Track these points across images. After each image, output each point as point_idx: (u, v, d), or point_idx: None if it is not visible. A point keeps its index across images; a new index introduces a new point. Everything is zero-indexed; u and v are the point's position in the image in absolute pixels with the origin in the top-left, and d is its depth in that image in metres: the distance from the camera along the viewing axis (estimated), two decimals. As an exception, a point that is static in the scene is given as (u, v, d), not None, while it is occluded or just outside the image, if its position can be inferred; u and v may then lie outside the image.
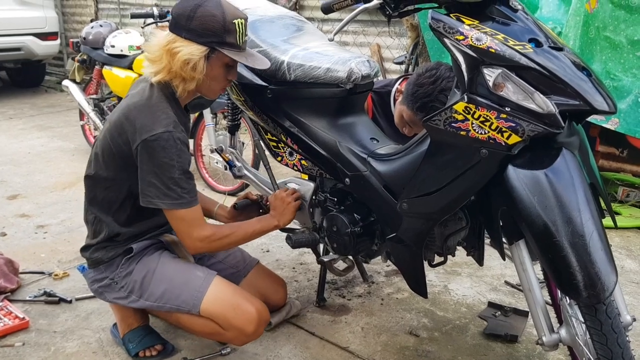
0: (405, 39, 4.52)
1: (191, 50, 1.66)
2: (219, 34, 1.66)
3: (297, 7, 5.08)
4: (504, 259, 1.65)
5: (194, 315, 1.79)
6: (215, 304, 1.77)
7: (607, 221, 1.50)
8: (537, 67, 1.35)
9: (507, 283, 2.46)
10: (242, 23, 1.70)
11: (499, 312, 2.18)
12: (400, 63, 4.26)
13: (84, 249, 1.91)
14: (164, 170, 1.67)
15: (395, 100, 2.17)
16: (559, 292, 1.55)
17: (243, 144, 2.93)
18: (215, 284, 1.81)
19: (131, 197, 1.80)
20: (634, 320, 1.46)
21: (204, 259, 2.03)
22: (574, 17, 3.10)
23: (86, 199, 1.88)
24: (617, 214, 3.19)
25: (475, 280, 2.50)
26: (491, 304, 2.25)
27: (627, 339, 1.34)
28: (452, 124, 1.44)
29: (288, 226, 2.12)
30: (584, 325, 1.38)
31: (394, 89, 2.19)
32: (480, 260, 1.79)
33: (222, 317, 1.77)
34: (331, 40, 1.78)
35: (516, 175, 1.37)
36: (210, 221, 1.90)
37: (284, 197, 1.96)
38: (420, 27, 3.95)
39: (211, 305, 1.77)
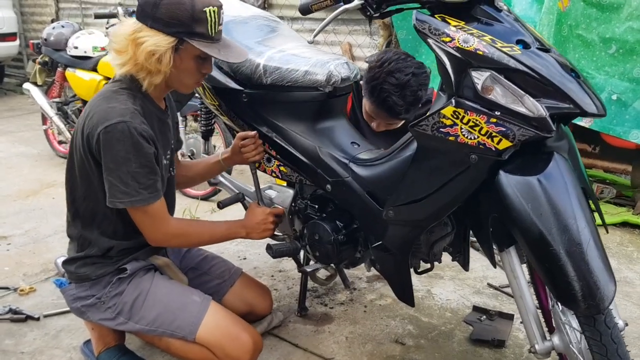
0: (377, 37, 4.48)
1: (157, 41, 1.54)
2: (187, 24, 1.54)
3: (266, 5, 4.99)
4: (494, 267, 1.61)
5: (187, 342, 1.69)
6: (212, 332, 1.68)
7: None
8: (526, 69, 1.31)
9: (490, 285, 2.44)
10: (214, 11, 1.56)
11: (484, 316, 2.15)
12: (373, 62, 4.22)
13: (67, 262, 1.77)
14: (119, 164, 1.56)
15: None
16: (550, 298, 1.52)
17: (215, 148, 2.84)
18: (212, 311, 1.72)
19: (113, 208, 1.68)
20: (627, 325, 1.44)
21: (188, 272, 1.95)
22: (547, 15, 3.10)
23: (69, 214, 1.77)
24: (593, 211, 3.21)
25: (458, 283, 2.47)
26: (476, 308, 2.22)
27: (627, 349, 1.31)
28: (441, 129, 1.39)
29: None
30: (577, 333, 1.36)
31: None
32: (465, 265, 1.76)
33: (218, 346, 1.68)
34: (311, 42, 1.71)
35: (508, 181, 1.33)
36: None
37: (264, 219, 1.85)
38: (393, 26, 3.92)
39: (208, 333, 1.68)
